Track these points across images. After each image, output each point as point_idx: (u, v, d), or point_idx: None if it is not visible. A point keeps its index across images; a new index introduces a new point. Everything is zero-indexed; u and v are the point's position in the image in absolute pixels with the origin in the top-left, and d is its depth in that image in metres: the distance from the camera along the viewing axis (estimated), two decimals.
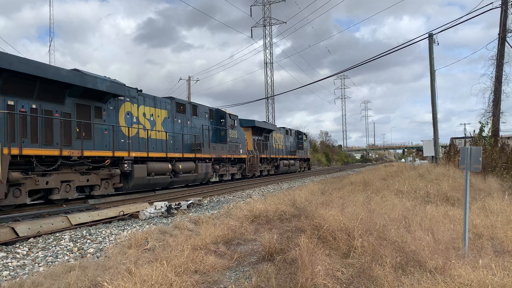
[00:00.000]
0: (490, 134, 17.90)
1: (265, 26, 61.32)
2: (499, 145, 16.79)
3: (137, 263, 4.66)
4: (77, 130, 12.02)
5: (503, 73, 18.32)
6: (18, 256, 5.99)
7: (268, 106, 60.18)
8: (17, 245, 6.60)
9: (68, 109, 11.88)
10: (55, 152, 11.02)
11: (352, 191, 11.69)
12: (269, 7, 61.04)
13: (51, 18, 55.34)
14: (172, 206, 10.43)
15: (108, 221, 9.07)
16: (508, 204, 7.85)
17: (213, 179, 20.76)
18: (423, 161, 36.04)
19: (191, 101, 19.01)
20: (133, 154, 14.10)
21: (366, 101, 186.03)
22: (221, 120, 21.34)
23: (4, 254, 6.04)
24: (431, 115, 23.32)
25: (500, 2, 17.60)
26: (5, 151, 9.42)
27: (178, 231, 7.22)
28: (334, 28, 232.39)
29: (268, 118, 58.89)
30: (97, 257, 5.90)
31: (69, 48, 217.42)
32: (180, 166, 16.78)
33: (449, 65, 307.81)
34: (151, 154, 15.14)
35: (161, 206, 10.11)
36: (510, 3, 17.99)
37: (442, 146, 31.38)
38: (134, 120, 14.75)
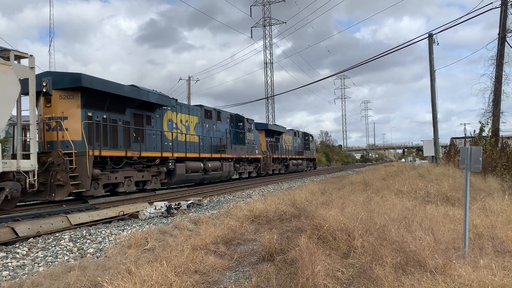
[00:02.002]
0: (490, 134, 17.90)
1: (265, 26, 61.34)
2: (499, 145, 16.78)
3: (137, 263, 4.65)
4: (134, 135, 14.45)
5: (503, 73, 18.33)
6: (17, 256, 5.98)
7: (268, 106, 60.21)
8: (17, 245, 6.58)
9: (128, 118, 14.33)
10: (122, 153, 13.56)
11: (352, 191, 11.68)
12: (269, 7, 61.07)
13: (51, 18, 55.38)
14: (172, 206, 10.42)
15: (108, 221, 9.06)
16: (508, 204, 7.84)
17: (234, 177, 23.38)
18: (423, 161, 36.03)
19: (215, 107, 21.93)
20: (176, 155, 16.65)
21: (366, 101, 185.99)
22: (239, 124, 23.78)
23: (4, 254, 6.03)
24: (431, 115, 23.34)
25: (500, 2, 17.60)
26: (90, 152, 11.84)
27: (178, 231, 7.21)
28: (335, 29, 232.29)
29: (268, 118, 58.91)
30: (97, 257, 5.89)
31: (70, 49, 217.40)
32: (209, 165, 19.34)
33: (449, 65, 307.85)
34: (188, 155, 17.71)
35: (161, 206, 10.10)
36: (510, 3, 17.99)
37: (442, 146, 31.38)
38: (174, 126, 17.18)
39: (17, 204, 11.07)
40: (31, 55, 10.59)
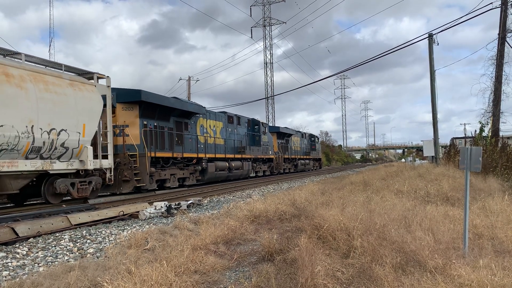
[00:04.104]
0: (490, 134, 17.90)
1: (265, 26, 61.37)
2: (499, 145, 16.77)
3: (137, 263, 4.65)
4: (176, 139, 17.06)
5: (503, 73, 18.33)
6: (18, 256, 5.98)
7: (268, 106, 60.23)
8: (17, 245, 6.58)
9: (171, 125, 17.02)
10: (169, 154, 16.30)
11: (352, 191, 11.68)
12: (269, 7, 61.10)
13: (51, 18, 55.42)
14: (172, 206, 10.42)
15: (108, 221, 9.05)
16: (508, 204, 7.84)
17: (251, 175, 26.14)
18: (423, 161, 36.04)
19: (236, 113, 24.63)
20: (208, 156, 19.56)
21: (366, 101, 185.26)
22: (255, 127, 26.55)
23: (4, 254, 6.03)
24: (431, 115, 23.33)
25: (500, 2, 17.60)
26: (149, 154, 14.49)
27: (178, 231, 7.21)
28: (335, 30, 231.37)
29: (268, 118, 58.92)
30: (97, 257, 5.89)
31: (72, 49, 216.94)
32: (233, 164, 22.29)
33: (449, 65, 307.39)
34: (217, 155, 20.64)
35: (161, 206, 10.10)
36: (510, 3, 17.99)
37: (442, 146, 31.38)
38: (205, 130, 20.01)
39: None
40: (107, 76, 12.72)
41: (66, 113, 10.61)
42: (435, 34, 21.86)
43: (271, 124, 45.92)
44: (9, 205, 11.70)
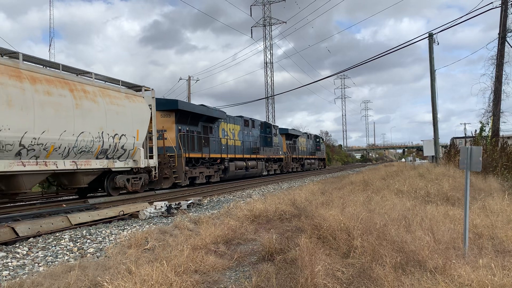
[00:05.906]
0: (491, 133, 17.89)
1: (265, 26, 61.34)
2: (499, 145, 16.76)
3: (137, 263, 4.65)
4: (203, 141, 19.45)
5: (503, 72, 18.30)
6: (18, 256, 5.98)
7: (268, 106, 60.22)
8: (17, 245, 6.58)
9: (199, 129, 19.51)
10: (199, 155, 18.80)
11: (352, 191, 11.67)
12: (269, 7, 61.06)
13: (51, 18, 55.36)
14: (172, 206, 10.41)
15: (108, 221, 9.05)
16: (509, 204, 7.84)
17: (264, 173, 28.30)
18: (423, 161, 36.06)
19: (251, 117, 27.02)
20: (229, 156, 22.04)
21: (366, 101, 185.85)
22: (267, 129, 28.88)
23: (4, 254, 6.03)
24: (431, 115, 23.33)
25: (500, 2, 17.58)
26: (184, 155, 16.93)
27: (178, 231, 7.21)
28: (335, 30, 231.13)
29: (268, 118, 58.89)
30: (97, 257, 5.89)
31: (73, 50, 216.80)
32: (249, 163, 24.80)
33: (449, 65, 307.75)
34: (236, 156, 23.07)
35: (161, 206, 10.09)
36: (510, 3, 17.97)
37: (442, 146, 31.37)
38: (225, 133, 22.40)
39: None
40: (152, 89, 15.05)
41: (125, 121, 12.79)
42: (435, 34, 21.89)
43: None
44: (9, 204, 11.71)
